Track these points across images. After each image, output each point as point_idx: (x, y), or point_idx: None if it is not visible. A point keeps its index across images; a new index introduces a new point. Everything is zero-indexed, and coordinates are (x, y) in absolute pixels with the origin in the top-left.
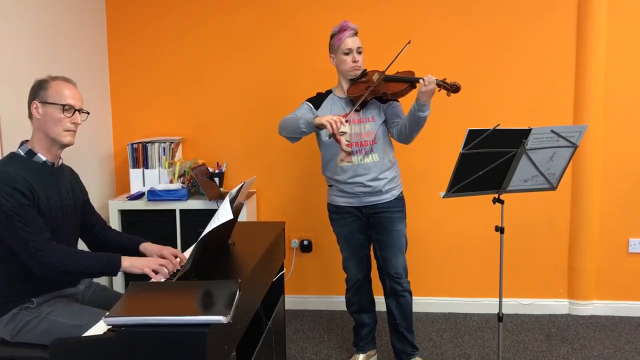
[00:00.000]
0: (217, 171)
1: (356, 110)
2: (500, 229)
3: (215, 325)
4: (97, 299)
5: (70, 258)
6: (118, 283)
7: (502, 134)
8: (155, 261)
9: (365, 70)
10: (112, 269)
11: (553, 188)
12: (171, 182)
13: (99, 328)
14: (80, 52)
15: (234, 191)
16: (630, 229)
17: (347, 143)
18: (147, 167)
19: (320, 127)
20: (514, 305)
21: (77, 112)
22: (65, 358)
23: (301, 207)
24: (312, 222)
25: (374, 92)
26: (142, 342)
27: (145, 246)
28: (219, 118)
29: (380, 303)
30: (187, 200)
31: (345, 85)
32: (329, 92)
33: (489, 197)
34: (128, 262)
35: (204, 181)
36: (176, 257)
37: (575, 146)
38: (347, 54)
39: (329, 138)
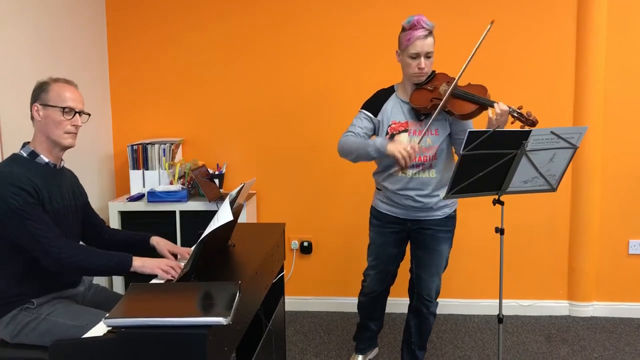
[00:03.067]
0: (217, 172)
1: (418, 120)
2: (501, 230)
3: (215, 327)
4: (97, 300)
5: (82, 254)
6: (118, 284)
7: (502, 135)
8: (166, 263)
9: (434, 72)
10: (124, 268)
11: (553, 189)
12: (171, 183)
13: (99, 329)
14: (80, 53)
15: (234, 192)
16: (630, 231)
17: None
18: (147, 169)
19: (393, 156)
20: (514, 306)
21: (77, 115)
22: (65, 359)
23: (301, 208)
24: (312, 223)
25: (441, 106)
26: (142, 344)
27: (157, 240)
28: (219, 119)
29: (391, 305)
30: (187, 202)
31: (409, 89)
32: (391, 90)
33: (489, 199)
34: (139, 262)
35: (204, 182)
36: (177, 257)
37: (575, 147)
38: (413, 57)
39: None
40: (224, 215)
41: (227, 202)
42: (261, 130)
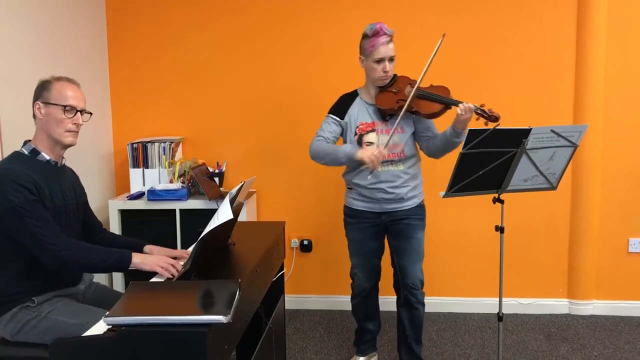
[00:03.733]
0: (217, 171)
1: (384, 120)
2: (500, 229)
3: (215, 325)
4: (98, 299)
5: (81, 252)
6: (118, 282)
7: (502, 133)
8: (165, 260)
9: (396, 75)
10: (123, 265)
11: (553, 188)
12: (171, 181)
13: (99, 328)
14: (80, 52)
15: (234, 191)
16: (630, 229)
17: None
18: (147, 167)
19: (362, 161)
20: (514, 304)
21: (79, 113)
22: (65, 357)
23: (301, 206)
24: (312, 221)
25: (407, 107)
26: (142, 342)
27: (151, 248)
28: (219, 118)
29: (386, 303)
30: (187, 200)
31: (373, 91)
32: (355, 94)
33: (489, 197)
34: (139, 259)
35: (204, 181)
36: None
37: (575, 146)
38: (378, 62)
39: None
40: (224, 213)
41: (227, 200)
42: (261, 129)
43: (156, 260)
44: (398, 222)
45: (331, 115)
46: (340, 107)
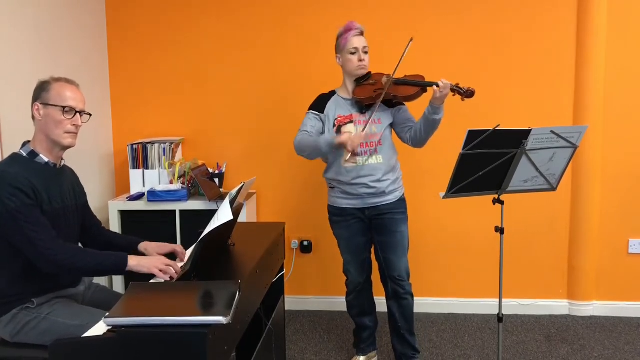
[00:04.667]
0: (217, 172)
1: (362, 112)
2: (500, 230)
3: (215, 326)
4: (97, 300)
5: (77, 256)
6: (118, 283)
7: (502, 134)
8: (162, 261)
9: (370, 72)
10: (119, 268)
11: (553, 189)
12: (171, 182)
13: (99, 329)
14: (80, 52)
15: (234, 192)
16: (630, 230)
17: None
18: (147, 168)
19: (341, 146)
20: (513, 305)
21: (78, 114)
22: (65, 358)
23: (301, 207)
24: (312, 222)
25: (385, 93)
26: (142, 343)
27: (145, 245)
28: (219, 119)
29: (380, 304)
30: (187, 201)
31: (351, 87)
32: (332, 93)
33: (489, 198)
34: (135, 262)
35: (204, 182)
36: (177, 258)
37: (575, 147)
38: (353, 53)
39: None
40: (224, 214)
41: (227, 201)
42: (261, 130)
43: (153, 262)
44: (381, 216)
45: (311, 111)
46: (319, 104)
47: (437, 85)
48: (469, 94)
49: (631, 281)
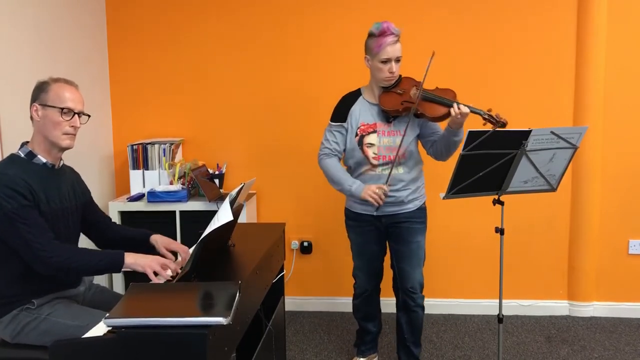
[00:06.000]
0: (217, 172)
1: (387, 121)
2: (500, 230)
3: (215, 327)
4: (97, 300)
5: (73, 256)
6: (118, 284)
7: (502, 135)
8: (158, 261)
9: (400, 76)
10: (116, 265)
11: (553, 189)
12: (171, 183)
13: (99, 329)
14: (80, 53)
15: (234, 192)
16: (630, 231)
17: (374, 156)
18: (147, 169)
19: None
20: (514, 306)
21: (76, 115)
22: (65, 359)
23: (301, 208)
24: (312, 223)
25: (413, 110)
26: (142, 344)
27: (156, 238)
28: (219, 119)
29: (387, 305)
30: (187, 202)
31: (377, 91)
32: (357, 93)
33: (489, 199)
34: (132, 259)
35: (204, 182)
36: (177, 258)
37: (575, 147)
38: (384, 62)
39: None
40: (224, 215)
41: (227, 202)
42: (261, 130)
43: (149, 261)
44: (399, 225)
45: (333, 124)
46: (341, 110)
47: (451, 108)
48: (500, 124)
49: (631, 282)
